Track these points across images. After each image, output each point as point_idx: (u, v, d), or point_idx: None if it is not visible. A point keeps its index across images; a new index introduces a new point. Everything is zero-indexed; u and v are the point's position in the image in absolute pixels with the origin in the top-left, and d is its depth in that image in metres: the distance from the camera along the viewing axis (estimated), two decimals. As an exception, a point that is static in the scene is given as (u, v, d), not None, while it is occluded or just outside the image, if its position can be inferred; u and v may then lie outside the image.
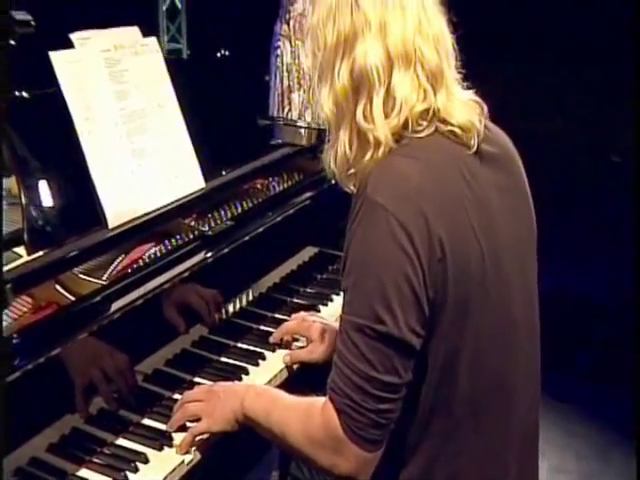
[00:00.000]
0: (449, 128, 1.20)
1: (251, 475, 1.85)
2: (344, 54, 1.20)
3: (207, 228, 1.57)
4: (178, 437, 1.29)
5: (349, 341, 1.12)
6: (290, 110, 3.66)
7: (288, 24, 3.64)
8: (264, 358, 1.53)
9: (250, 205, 1.71)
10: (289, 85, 3.63)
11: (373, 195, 1.12)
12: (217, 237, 1.55)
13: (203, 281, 1.53)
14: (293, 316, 1.61)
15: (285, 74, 3.64)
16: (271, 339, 1.59)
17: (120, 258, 1.39)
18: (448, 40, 1.24)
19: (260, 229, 1.65)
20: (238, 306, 1.65)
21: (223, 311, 1.60)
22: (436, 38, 1.21)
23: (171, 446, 1.28)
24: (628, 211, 2.83)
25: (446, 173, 1.18)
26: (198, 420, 1.31)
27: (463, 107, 1.21)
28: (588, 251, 3.97)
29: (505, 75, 5.18)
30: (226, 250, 1.55)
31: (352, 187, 1.21)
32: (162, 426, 1.33)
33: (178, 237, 1.52)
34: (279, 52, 3.65)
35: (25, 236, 1.28)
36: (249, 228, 1.63)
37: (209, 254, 1.52)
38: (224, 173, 1.77)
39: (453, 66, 1.24)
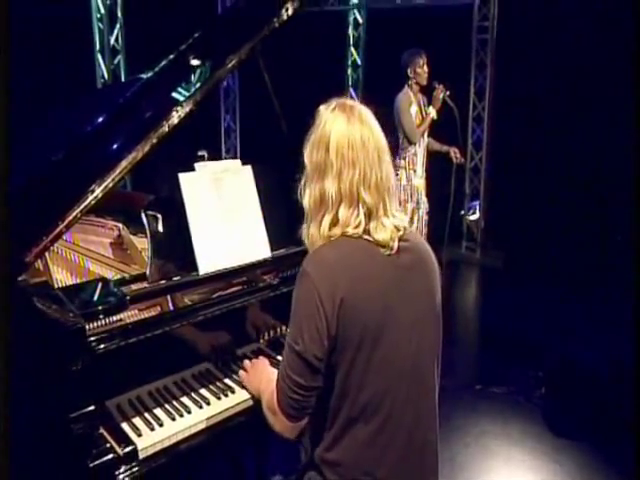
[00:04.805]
0: (371, 239, 1.62)
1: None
2: (318, 178, 1.64)
3: (271, 280, 2.39)
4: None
5: (284, 350, 1.65)
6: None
7: (404, 159, 4.45)
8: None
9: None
10: (405, 199, 4.39)
11: (305, 265, 1.62)
12: (277, 286, 2.37)
13: (266, 311, 2.34)
14: None
15: (401, 192, 4.40)
16: None
17: (217, 294, 2.26)
18: (390, 181, 1.64)
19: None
20: (285, 329, 2.42)
21: (277, 331, 2.39)
22: (376, 185, 1.61)
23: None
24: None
25: (357, 259, 1.62)
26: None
27: (387, 231, 1.62)
28: (593, 329, 4.75)
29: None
30: (284, 291, 2.34)
31: None
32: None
33: (253, 284, 2.35)
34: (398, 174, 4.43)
35: (147, 274, 2.20)
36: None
37: (270, 295, 2.34)
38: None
39: (393, 194, 1.66)
